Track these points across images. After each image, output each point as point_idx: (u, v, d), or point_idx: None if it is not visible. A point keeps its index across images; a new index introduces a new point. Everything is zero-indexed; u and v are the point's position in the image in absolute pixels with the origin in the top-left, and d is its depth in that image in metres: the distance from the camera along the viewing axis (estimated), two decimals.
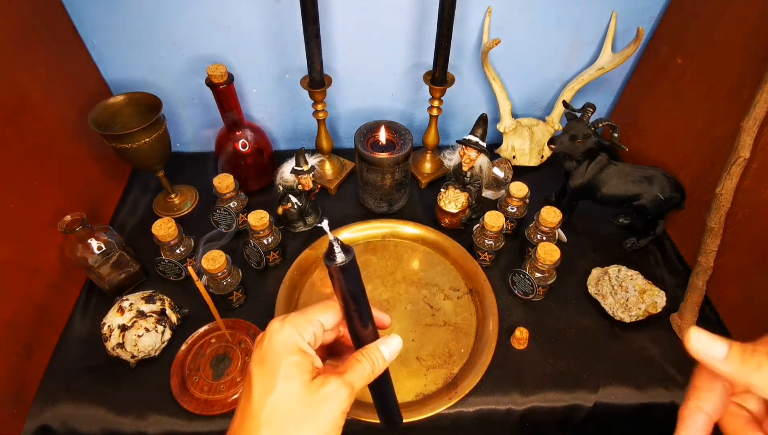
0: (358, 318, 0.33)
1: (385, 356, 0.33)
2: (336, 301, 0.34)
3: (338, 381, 0.31)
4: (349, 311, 0.33)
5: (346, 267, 0.30)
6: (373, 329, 0.34)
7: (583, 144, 0.69)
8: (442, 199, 0.78)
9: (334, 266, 0.30)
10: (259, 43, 0.79)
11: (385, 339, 0.34)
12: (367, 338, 0.34)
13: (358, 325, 0.33)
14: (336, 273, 0.31)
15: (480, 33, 0.81)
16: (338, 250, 0.30)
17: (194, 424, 0.59)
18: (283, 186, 0.75)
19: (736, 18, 0.66)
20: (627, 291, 0.68)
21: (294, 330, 0.32)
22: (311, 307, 0.34)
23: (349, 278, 0.31)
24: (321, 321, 0.33)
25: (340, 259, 0.30)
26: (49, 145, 0.68)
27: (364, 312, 0.33)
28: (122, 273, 0.69)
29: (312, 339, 0.32)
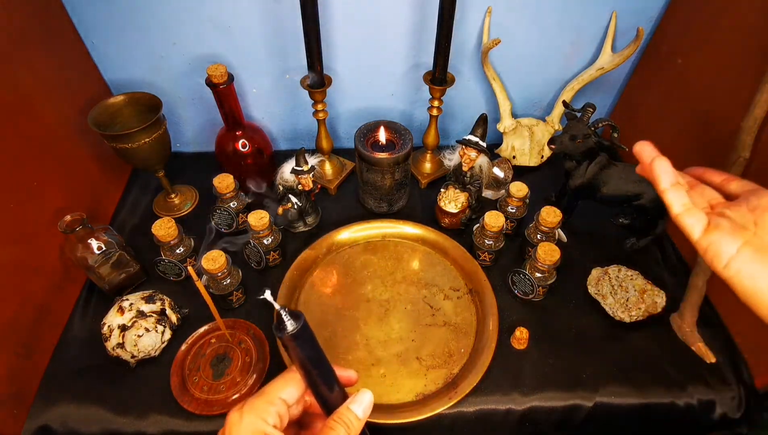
0: (323, 383, 0.32)
1: (359, 415, 0.32)
2: (294, 372, 0.32)
3: None
4: (311, 378, 0.31)
5: (299, 334, 0.29)
6: (341, 390, 0.33)
7: (583, 144, 0.69)
8: (442, 199, 0.78)
9: (286, 336, 0.29)
10: (259, 43, 0.79)
11: (355, 398, 0.33)
12: (336, 401, 0.32)
13: (324, 390, 0.32)
14: (290, 343, 0.29)
15: (480, 33, 0.81)
16: (287, 319, 0.29)
17: (194, 424, 0.59)
18: (283, 186, 0.75)
19: (736, 18, 0.66)
20: (627, 291, 0.68)
21: (255, 417, 0.30)
22: (269, 385, 0.32)
23: (305, 344, 0.30)
24: (283, 398, 0.31)
25: (290, 326, 0.29)
26: (49, 145, 0.68)
27: (327, 375, 0.32)
28: (122, 273, 0.69)
29: (277, 421, 0.31)
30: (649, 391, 0.62)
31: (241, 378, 0.61)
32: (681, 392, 0.62)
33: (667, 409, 0.62)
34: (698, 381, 0.63)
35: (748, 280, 0.31)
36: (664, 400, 0.62)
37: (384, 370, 0.64)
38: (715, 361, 0.64)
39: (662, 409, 0.62)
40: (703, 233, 0.34)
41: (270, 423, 0.30)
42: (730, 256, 0.32)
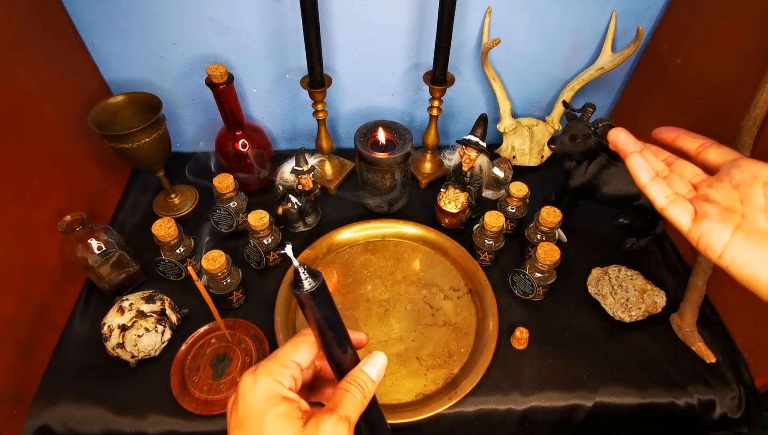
0: (337, 345, 0.31)
1: (373, 378, 0.31)
2: (306, 335, 0.32)
3: (333, 418, 0.28)
4: (326, 340, 0.30)
5: (316, 293, 0.28)
6: (353, 353, 0.32)
7: (583, 144, 0.69)
8: (442, 199, 0.78)
9: (303, 294, 0.28)
10: (259, 43, 0.79)
11: (368, 359, 0.32)
12: (349, 364, 0.32)
13: (337, 352, 0.31)
14: (307, 301, 0.28)
15: (480, 33, 0.81)
16: (305, 277, 0.28)
17: (194, 424, 0.59)
18: (283, 186, 0.75)
19: (736, 18, 0.66)
20: (627, 291, 0.68)
21: (270, 379, 0.29)
22: (281, 349, 0.31)
23: (322, 304, 0.29)
24: (296, 361, 0.30)
25: (308, 285, 0.28)
26: (49, 145, 0.68)
27: (341, 337, 0.31)
28: (122, 273, 0.69)
29: (292, 383, 0.30)
30: (649, 391, 0.62)
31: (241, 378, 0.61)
32: (681, 392, 0.62)
33: (667, 409, 0.62)
34: (698, 381, 0.63)
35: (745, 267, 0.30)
36: (664, 400, 0.62)
37: None
38: (715, 361, 0.64)
39: (662, 409, 0.62)
40: (693, 224, 0.33)
41: (285, 385, 0.29)
42: (723, 245, 0.31)
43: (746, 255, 0.30)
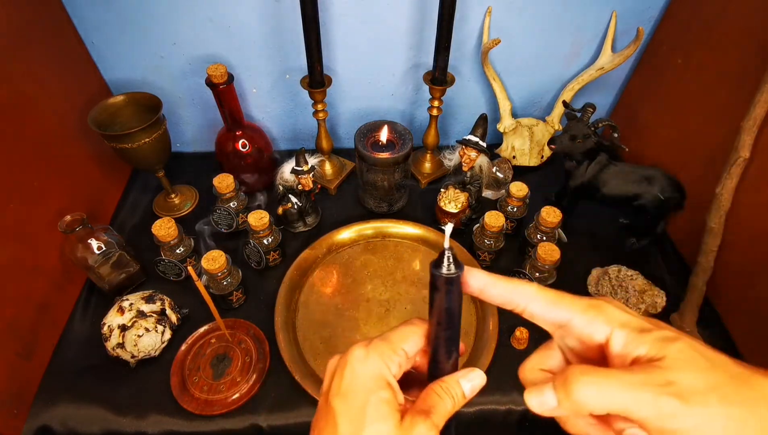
0: (445, 343, 0.29)
1: (466, 392, 0.29)
2: (417, 326, 0.30)
3: (427, 424, 0.26)
4: (438, 334, 0.29)
5: (454, 280, 0.27)
6: (456, 360, 0.30)
7: (583, 144, 0.69)
8: (442, 199, 0.78)
9: (441, 277, 0.27)
10: (259, 43, 0.79)
11: (467, 372, 0.30)
12: (449, 369, 0.30)
13: (443, 351, 0.29)
14: (442, 285, 0.27)
15: (480, 33, 0.81)
16: (449, 261, 0.27)
17: (194, 424, 0.59)
18: (283, 186, 0.75)
19: (736, 18, 0.66)
20: (627, 291, 0.68)
21: (380, 360, 0.27)
22: (393, 332, 0.30)
23: (453, 294, 0.28)
24: (405, 349, 0.29)
25: (448, 270, 0.27)
26: (49, 145, 0.68)
27: (453, 338, 0.29)
28: (122, 273, 0.69)
29: (397, 370, 0.28)
30: None
31: (241, 378, 0.61)
32: None
33: None
34: None
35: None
36: None
37: None
38: None
39: None
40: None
41: (392, 371, 0.28)
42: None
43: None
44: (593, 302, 0.27)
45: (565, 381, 0.24)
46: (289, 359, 0.63)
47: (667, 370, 0.23)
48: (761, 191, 0.62)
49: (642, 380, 0.22)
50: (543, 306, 0.27)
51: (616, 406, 0.22)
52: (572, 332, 0.27)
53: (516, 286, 0.28)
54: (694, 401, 0.22)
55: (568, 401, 0.23)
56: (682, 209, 0.72)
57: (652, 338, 0.24)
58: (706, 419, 0.21)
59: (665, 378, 0.22)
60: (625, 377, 0.23)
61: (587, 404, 0.23)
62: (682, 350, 0.23)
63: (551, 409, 0.24)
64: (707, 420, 0.21)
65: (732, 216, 0.65)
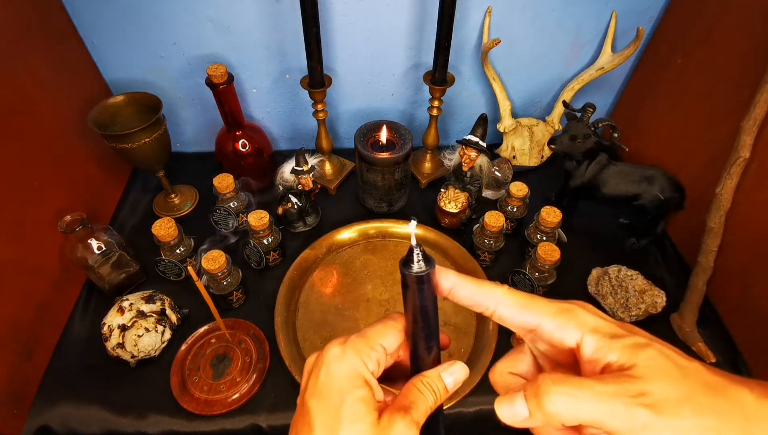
0: (425, 339, 0.29)
1: (448, 386, 0.29)
2: (395, 321, 0.30)
3: (406, 421, 0.26)
4: (416, 330, 0.29)
5: (425, 277, 0.27)
6: (437, 354, 0.30)
7: (583, 144, 0.69)
8: (442, 199, 0.78)
9: (411, 276, 0.27)
10: (259, 43, 0.79)
11: (448, 366, 0.29)
12: (430, 363, 0.30)
13: (422, 346, 0.29)
14: (412, 283, 0.27)
15: (480, 33, 0.81)
16: (419, 258, 0.27)
17: (194, 424, 0.59)
18: (283, 186, 0.75)
19: (736, 18, 0.66)
20: (627, 291, 0.68)
21: (357, 357, 0.27)
22: (371, 328, 0.29)
23: (426, 291, 0.27)
24: (384, 345, 0.29)
25: (418, 268, 0.26)
26: (49, 145, 0.68)
27: (432, 333, 0.29)
28: (122, 273, 0.69)
29: (375, 367, 0.28)
30: None
31: (241, 378, 0.61)
32: None
33: None
34: None
35: None
36: None
37: None
38: (715, 361, 0.64)
39: None
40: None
41: (370, 368, 0.27)
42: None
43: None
44: (564, 306, 0.26)
45: (536, 391, 0.23)
46: (289, 359, 0.63)
47: (639, 380, 0.22)
48: (761, 191, 0.62)
49: (614, 391, 0.22)
50: (512, 309, 0.27)
51: (589, 417, 0.22)
52: (543, 336, 0.26)
53: (485, 288, 0.28)
54: (667, 412, 0.21)
55: (540, 412, 0.23)
56: (682, 209, 0.72)
57: (622, 345, 0.24)
58: (680, 430, 0.21)
59: (637, 389, 0.22)
60: (597, 387, 0.22)
61: (559, 415, 0.22)
62: (654, 358, 0.23)
63: (523, 420, 0.24)
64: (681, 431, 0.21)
65: (732, 216, 0.65)
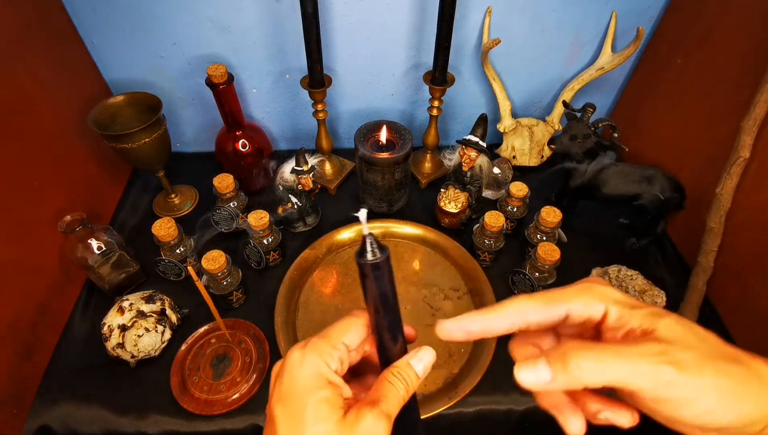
0: (388, 329, 0.29)
1: (418, 373, 0.30)
2: (358, 316, 0.30)
3: (374, 413, 0.26)
4: (378, 320, 0.29)
5: (380, 265, 0.27)
6: (403, 343, 0.31)
7: (583, 144, 0.69)
8: (442, 199, 0.78)
9: (367, 264, 0.27)
10: (259, 43, 0.79)
11: (417, 353, 0.30)
12: (397, 353, 0.30)
13: (387, 337, 0.29)
14: (369, 272, 0.27)
15: (480, 33, 0.81)
16: (372, 247, 0.27)
17: (194, 424, 0.59)
18: (283, 186, 0.75)
19: (736, 18, 0.66)
20: (627, 291, 0.68)
21: (318, 359, 0.27)
22: (332, 327, 0.30)
23: (383, 279, 0.28)
24: (345, 342, 0.29)
25: (372, 256, 0.26)
26: (49, 145, 0.68)
27: (395, 322, 0.29)
28: (122, 273, 0.69)
29: (338, 366, 0.28)
30: None
31: (241, 378, 0.61)
32: None
33: None
34: None
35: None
36: None
37: None
38: None
39: None
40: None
41: (332, 367, 0.28)
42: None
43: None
44: (583, 286, 0.27)
45: (562, 356, 0.24)
46: None
47: (662, 342, 0.23)
48: (761, 191, 0.62)
49: (639, 351, 0.23)
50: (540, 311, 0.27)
51: (614, 377, 0.23)
52: (572, 322, 0.27)
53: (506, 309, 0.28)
54: (690, 370, 0.22)
55: (565, 375, 0.23)
56: (682, 209, 0.73)
57: (643, 313, 0.25)
58: (701, 389, 0.22)
59: (661, 349, 0.23)
60: (621, 349, 0.23)
61: (584, 378, 0.23)
62: (672, 325, 0.24)
63: (544, 384, 0.24)
64: (702, 390, 0.22)
65: (732, 216, 0.65)
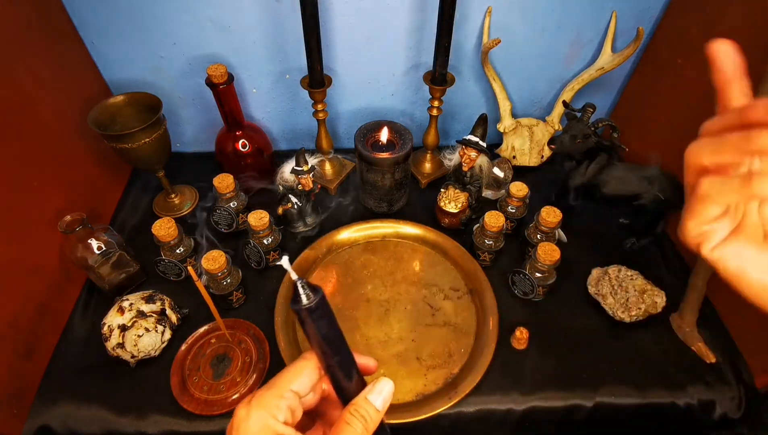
0: (340, 368, 0.29)
1: (377, 407, 0.29)
2: (307, 359, 0.30)
3: None
4: (328, 361, 0.28)
5: (315, 308, 0.27)
6: (359, 378, 0.30)
7: (583, 144, 0.69)
8: (442, 199, 0.78)
9: (303, 310, 0.26)
10: (259, 43, 0.79)
11: (373, 387, 0.29)
12: (354, 390, 0.30)
13: (341, 375, 0.29)
14: (306, 317, 0.27)
15: (480, 33, 0.81)
16: (304, 291, 0.26)
17: (194, 424, 0.59)
18: (283, 186, 0.75)
19: (736, 18, 0.66)
20: (627, 291, 0.68)
21: (265, 413, 0.27)
22: (280, 375, 0.29)
23: (322, 321, 0.27)
24: (295, 390, 0.29)
25: (306, 299, 0.26)
26: (49, 145, 0.68)
27: (345, 360, 0.29)
28: (122, 273, 0.69)
29: (288, 416, 0.28)
30: (649, 391, 0.62)
31: (241, 378, 0.61)
32: (681, 392, 0.62)
33: (667, 409, 0.62)
34: (698, 381, 0.63)
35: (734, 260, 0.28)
36: (664, 400, 0.62)
37: (384, 370, 0.64)
38: (715, 361, 0.64)
39: (662, 409, 0.62)
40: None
41: (280, 419, 0.27)
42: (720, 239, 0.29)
43: (736, 250, 0.29)
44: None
45: None
46: (289, 359, 0.63)
47: None
48: None
49: None
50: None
51: None
52: None
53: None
54: None
55: None
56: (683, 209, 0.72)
57: None
58: None
59: None
60: None
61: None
62: None
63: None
64: None
65: None
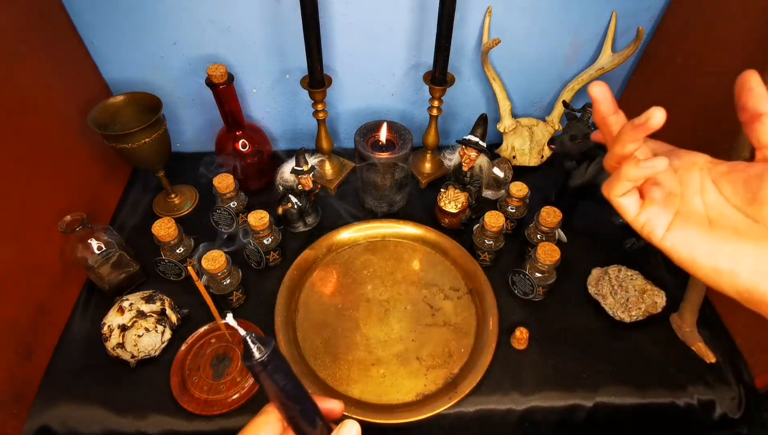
0: (302, 417, 0.29)
1: None
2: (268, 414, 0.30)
3: None
4: (289, 413, 0.28)
5: (268, 361, 0.26)
6: (324, 424, 0.30)
7: (583, 144, 0.69)
8: (442, 199, 0.78)
9: (255, 365, 0.26)
10: (259, 43, 0.79)
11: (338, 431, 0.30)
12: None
13: (304, 424, 0.29)
14: (260, 371, 0.26)
15: (480, 33, 0.81)
16: (255, 345, 0.26)
17: (194, 424, 0.59)
18: (283, 186, 0.75)
19: (736, 18, 0.66)
20: (627, 291, 0.68)
21: None
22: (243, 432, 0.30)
23: (277, 374, 0.27)
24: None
25: (258, 354, 0.26)
26: (49, 145, 0.68)
27: (307, 408, 0.29)
28: (122, 273, 0.69)
29: None
30: (649, 391, 0.62)
31: (241, 378, 0.62)
32: (681, 392, 0.62)
33: (667, 409, 0.62)
34: (698, 381, 0.63)
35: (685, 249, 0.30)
36: (664, 400, 0.62)
37: (384, 370, 0.64)
38: (715, 361, 0.64)
39: (662, 409, 0.62)
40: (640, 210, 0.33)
41: None
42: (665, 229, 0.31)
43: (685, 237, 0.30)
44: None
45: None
46: (289, 359, 0.62)
47: None
48: None
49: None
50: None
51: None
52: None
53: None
54: None
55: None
56: None
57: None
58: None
59: None
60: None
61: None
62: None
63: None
64: None
65: None
